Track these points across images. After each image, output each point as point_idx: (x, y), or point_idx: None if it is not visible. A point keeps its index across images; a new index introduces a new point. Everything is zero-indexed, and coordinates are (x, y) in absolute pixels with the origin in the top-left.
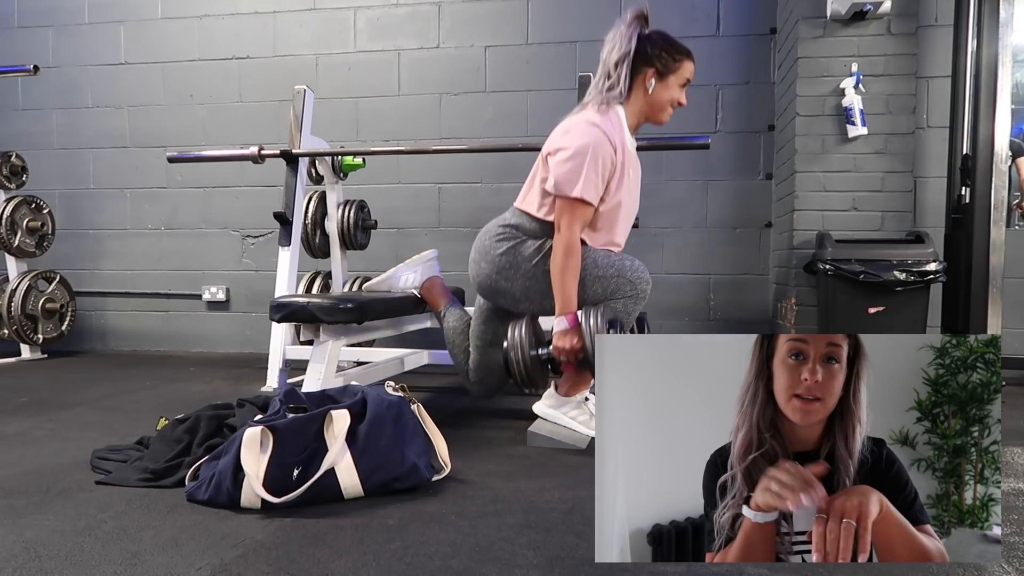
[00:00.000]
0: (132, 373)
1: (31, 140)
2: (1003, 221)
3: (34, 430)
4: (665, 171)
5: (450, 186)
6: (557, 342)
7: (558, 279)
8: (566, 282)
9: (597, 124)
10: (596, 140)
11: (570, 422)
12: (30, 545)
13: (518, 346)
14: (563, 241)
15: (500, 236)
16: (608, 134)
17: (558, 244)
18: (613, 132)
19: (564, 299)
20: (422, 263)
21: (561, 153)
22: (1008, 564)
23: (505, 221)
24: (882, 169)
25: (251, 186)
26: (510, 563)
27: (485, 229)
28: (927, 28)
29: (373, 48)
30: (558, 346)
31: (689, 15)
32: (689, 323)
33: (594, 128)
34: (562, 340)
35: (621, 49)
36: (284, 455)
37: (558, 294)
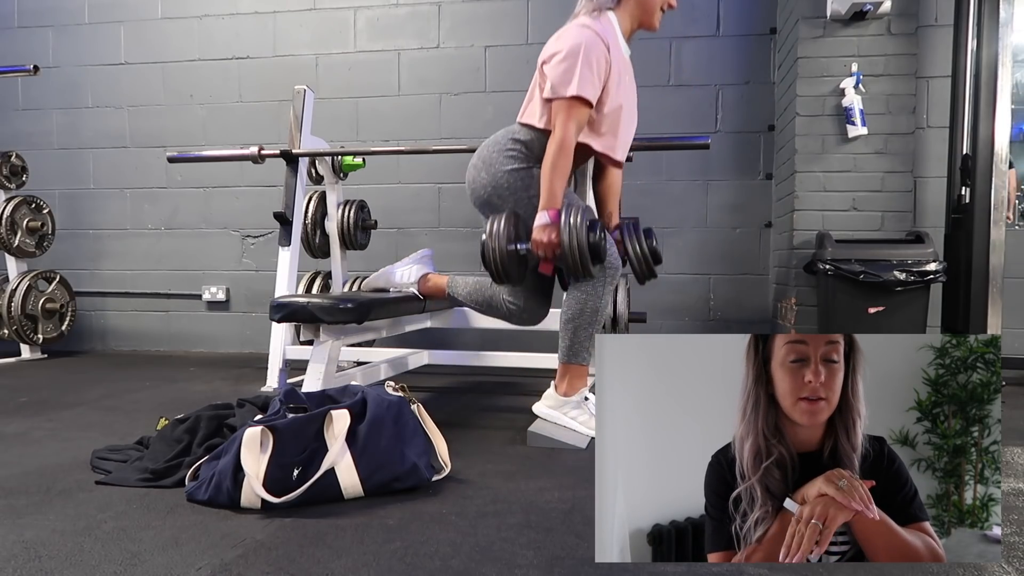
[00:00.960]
0: (132, 373)
1: (31, 140)
2: (1003, 221)
3: (34, 430)
4: (665, 171)
5: (450, 186)
6: (536, 235)
7: (547, 175)
8: (555, 179)
9: (588, 26)
10: (588, 40)
11: (570, 422)
12: (30, 545)
13: (497, 237)
14: (556, 139)
15: (509, 153)
16: (600, 34)
17: (552, 141)
18: (606, 33)
19: (550, 195)
20: (417, 260)
21: (555, 57)
22: (1008, 564)
23: (514, 135)
24: (882, 169)
25: (251, 186)
26: (510, 563)
27: (493, 139)
28: (927, 28)
29: (373, 48)
30: (536, 239)
31: (689, 15)
32: (689, 323)
33: (585, 29)
34: (541, 234)
35: None
36: (284, 455)
37: (545, 190)
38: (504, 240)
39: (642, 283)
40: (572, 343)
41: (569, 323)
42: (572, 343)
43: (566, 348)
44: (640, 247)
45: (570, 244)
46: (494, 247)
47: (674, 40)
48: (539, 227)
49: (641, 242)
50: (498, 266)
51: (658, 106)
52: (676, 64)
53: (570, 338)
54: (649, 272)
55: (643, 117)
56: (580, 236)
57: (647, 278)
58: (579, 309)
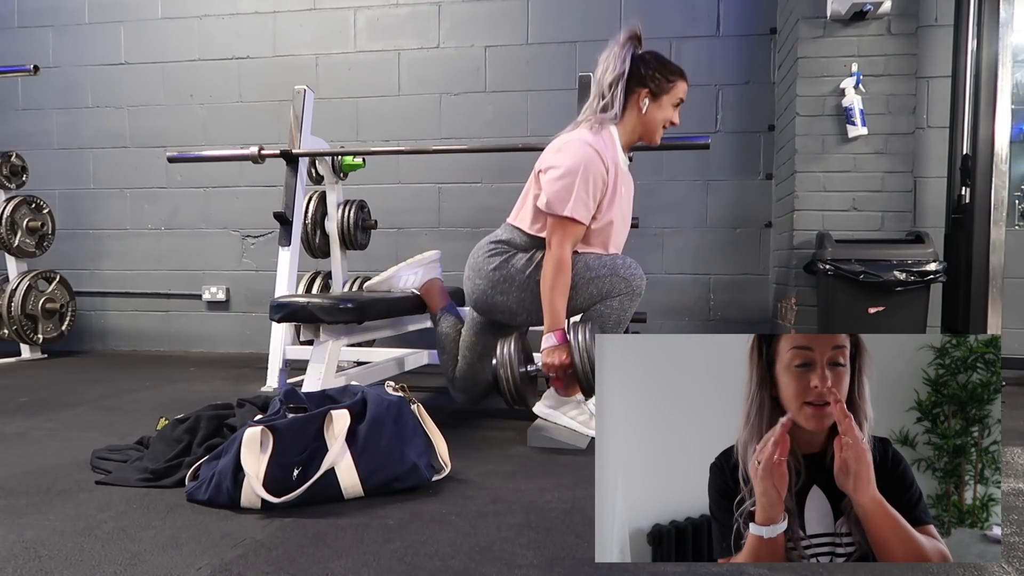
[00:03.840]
0: (132, 373)
1: (31, 140)
2: (1003, 221)
3: (34, 430)
4: (665, 171)
5: (450, 186)
6: (546, 359)
7: (547, 295)
8: (555, 299)
9: (590, 143)
10: (588, 159)
11: (570, 422)
12: (30, 545)
13: (508, 363)
14: (553, 258)
15: (491, 252)
16: (601, 153)
17: (548, 261)
18: (606, 151)
19: (552, 316)
20: (424, 264)
21: (553, 171)
22: (1008, 564)
23: (496, 237)
24: (882, 169)
25: (251, 186)
26: (510, 563)
27: (477, 247)
28: (927, 28)
29: (373, 48)
30: (547, 362)
31: (689, 15)
32: (689, 323)
33: (587, 147)
34: (551, 356)
35: (615, 70)
36: (284, 455)
37: (547, 311)
38: (516, 364)
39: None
40: None
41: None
42: None
43: None
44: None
45: (582, 363)
46: (508, 375)
47: (674, 40)
48: (547, 350)
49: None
50: (512, 392)
51: None
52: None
53: None
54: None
55: None
56: (592, 353)
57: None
58: (601, 322)
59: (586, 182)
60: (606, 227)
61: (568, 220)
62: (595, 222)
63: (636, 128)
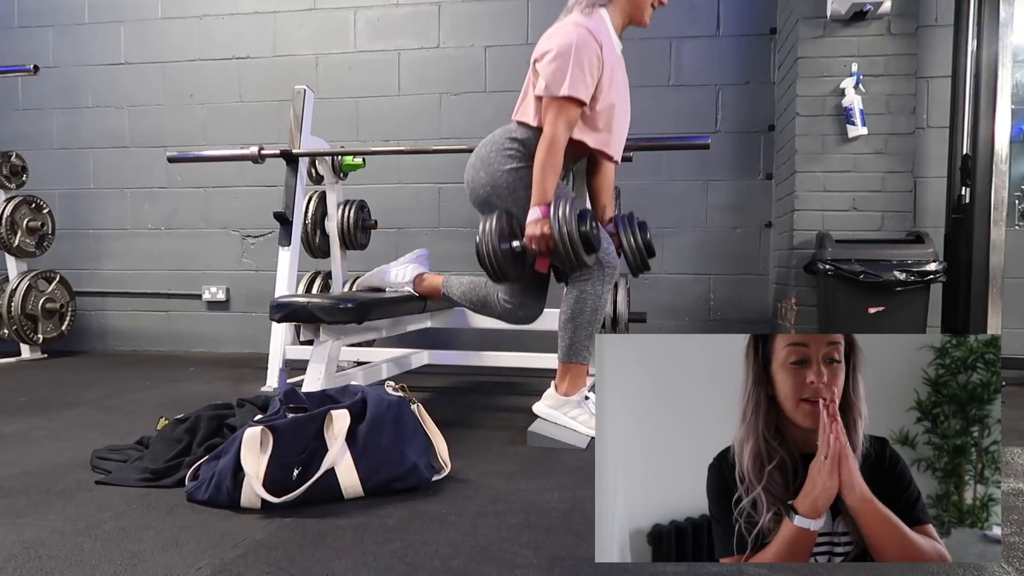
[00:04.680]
0: (132, 373)
1: (31, 140)
2: (1003, 221)
3: (34, 430)
4: (665, 171)
5: (450, 186)
6: (529, 231)
7: (538, 172)
8: (545, 176)
9: (581, 24)
10: (580, 38)
11: (570, 422)
12: (30, 545)
13: (488, 235)
14: (547, 136)
15: (508, 152)
16: (593, 32)
17: (543, 139)
18: (598, 31)
19: (541, 191)
20: (413, 259)
21: (547, 56)
22: (1008, 564)
23: (512, 133)
24: (882, 169)
25: (251, 186)
26: (510, 563)
27: (491, 138)
28: (927, 28)
29: (373, 48)
30: (529, 234)
31: (689, 15)
32: (689, 323)
33: (578, 27)
34: (533, 228)
35: None
36: (284, 455)
37: (536, 186)
38: (496, 238)
39: (636, 275)
40: (572, 342)
41: (569, 322)
42: (572, 342)
43: (566, 347)
44: (635, 240)
45: (560, 235)
46: (488, 246)
47: (674, 40)
48: (531, 222)
49: (636, 235)
50: (494, 265)
51: (658, 106)
52: (676, 64)
53: (570, 337)
54: (643, 264)
55: (643, 117)
56: (570, 226)
57: (640, 271)
58: (578, 308)
59: (580, 60)
60: (608, 109)
61: (565, 100)
62: (597, 103)
63: (626, 9)
